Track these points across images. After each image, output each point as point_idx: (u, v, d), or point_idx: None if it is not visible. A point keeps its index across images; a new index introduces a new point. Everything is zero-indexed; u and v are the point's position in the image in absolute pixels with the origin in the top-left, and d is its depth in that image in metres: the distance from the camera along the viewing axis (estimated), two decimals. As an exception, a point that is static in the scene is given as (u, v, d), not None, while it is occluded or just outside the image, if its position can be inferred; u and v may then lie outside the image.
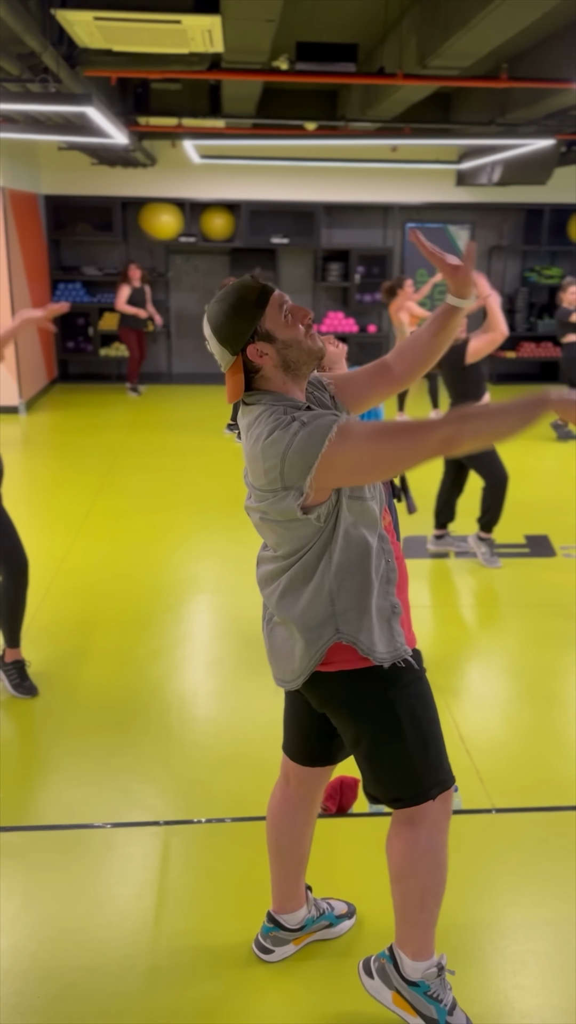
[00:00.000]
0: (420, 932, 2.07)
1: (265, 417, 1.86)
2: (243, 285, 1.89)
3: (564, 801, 3.05)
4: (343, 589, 1.91)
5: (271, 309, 1.87)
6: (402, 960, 2.10)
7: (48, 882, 2.64)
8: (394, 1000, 2.12)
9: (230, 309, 1.87)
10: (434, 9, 5.19)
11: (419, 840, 2.01)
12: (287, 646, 2.00)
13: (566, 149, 9.81)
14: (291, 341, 1.89)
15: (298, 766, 2.24)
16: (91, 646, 4.22)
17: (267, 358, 1.89)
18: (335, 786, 2.94)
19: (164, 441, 8.44)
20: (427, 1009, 2.07)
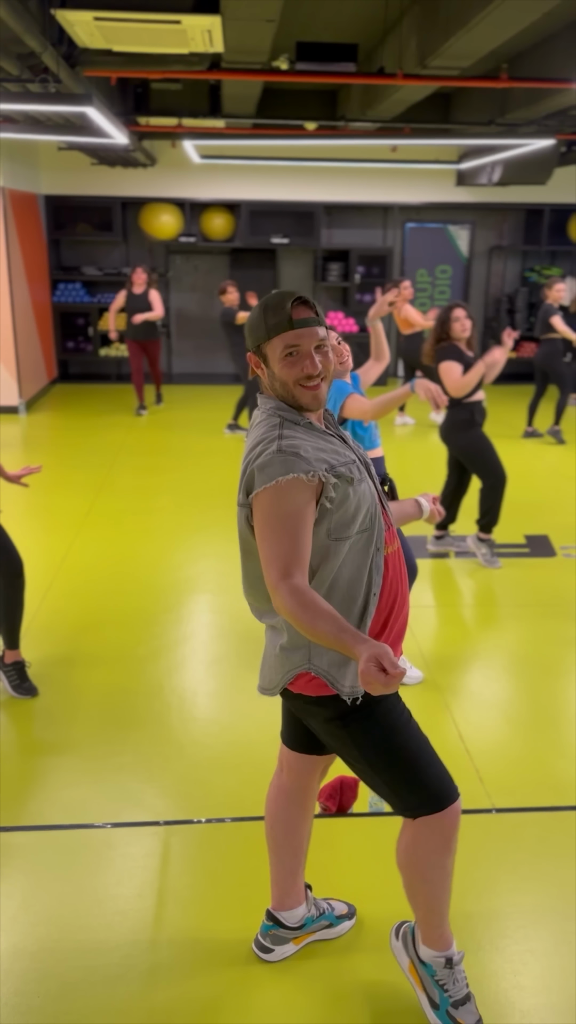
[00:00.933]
0: (422, 924, 2.14)
1: (261, 426, 1.92)
2: (279, 305, 1.87)
3: (564, 801, 3.05)
4: None
5: (277, 341, 1.88)
6: (417, 938, 2.18)
7: (48, 882, 2.64)
8: (409, 968, 2.21)
9: (256, 315, 1.92)
10: (434, 9, 5.19)
11: (415, 853, 2.06)
12: (268, 654, 2.06)
13: (566, 149, 9.81)
14: (280, 378, 1.91)
15: (290, 752, 2.27)
16: (91, 646, 4.22)
17: (262, 372, 1.96)
18: (335, 786, 2.94)
19: (164, 441, 8.44)
20: (432, 991, 2.14)
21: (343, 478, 1.87)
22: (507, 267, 12.09)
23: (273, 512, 1.80)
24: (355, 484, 1.90)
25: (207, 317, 11.77)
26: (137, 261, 11.62)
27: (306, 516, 1.81)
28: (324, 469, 1.84)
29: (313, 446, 1.87)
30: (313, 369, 1.88)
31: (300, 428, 1.90)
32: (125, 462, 7.60)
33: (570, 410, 10.11)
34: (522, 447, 8.22)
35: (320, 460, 1.85)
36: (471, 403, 5.02)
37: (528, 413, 8.71)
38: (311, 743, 2.23)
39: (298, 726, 2.22)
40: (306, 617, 1.69)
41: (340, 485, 1.86)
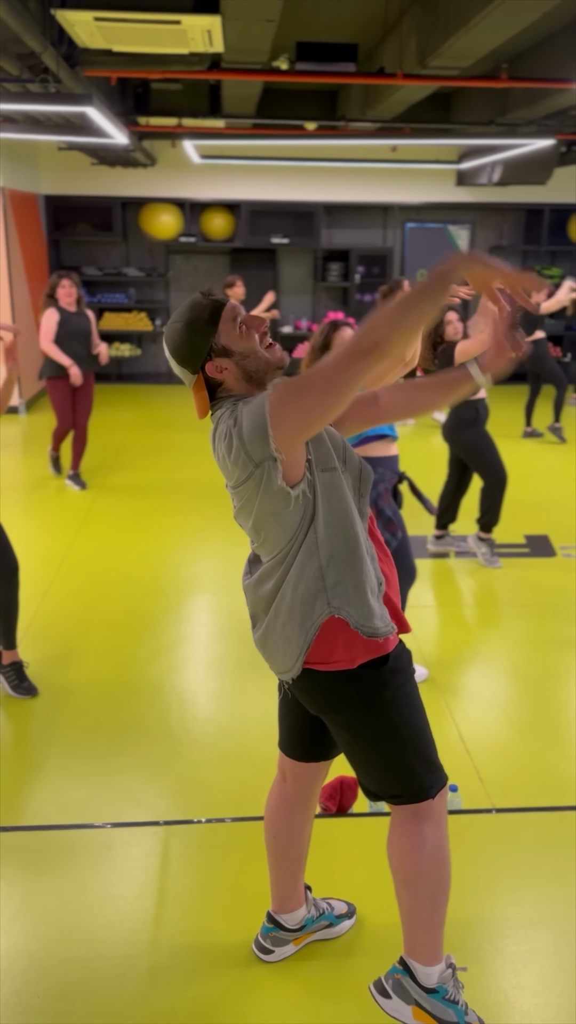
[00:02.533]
0: (432, 934, 2.06)
1: (224, 416, 1.90)
2: (194, 304, 1.91)
3: (564, 801, 3.05)
4: (332, 562, 1.91)
5: (224, 323, 1.89)
6: (416, 969, 2.07)
7: (48, 882, 2.64)
8: (415, 1015, 2.07)
9: (184, 329, 1.90)
10: (434, 9, 5.19)
11: (426, 837, 2.01)
12: (281, 635, 1.98)
13: (566, 149, 9.81)
14: (248, 352, 1.91)
15: (294, 762, 2.24)
16: (91, 646, 4.22)
17: (227, 372, 1.93)
18: (335, 786, 2.94)
19: (164, 441, 8.44)
20: (446, 1014, 2.05)
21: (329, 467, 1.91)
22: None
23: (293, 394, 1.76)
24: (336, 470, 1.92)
25: (207, 317, 11.76)
26: (137, 261, 11.64)
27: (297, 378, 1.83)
28: None
29: None
30: (264, 324, 1.94)
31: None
32: (125, 462, 7.60)
33: (571, 410, 10.11)
34: (522, 447, 8.23)
35: None
36: (475, 401, 5.02)
37: (525, 413, 8.72)
38: (315, 749, 2.21)
39: (302, 733, 2.19)
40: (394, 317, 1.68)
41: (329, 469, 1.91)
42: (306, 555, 1.91)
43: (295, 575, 1.93)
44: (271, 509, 1.88)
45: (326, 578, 1.91)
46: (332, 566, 1.91)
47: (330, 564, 1.91)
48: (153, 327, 11.46)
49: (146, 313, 11.46)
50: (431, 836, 2.01)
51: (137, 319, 11.35)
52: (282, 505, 1.87)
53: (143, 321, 11.37)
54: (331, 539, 1.91)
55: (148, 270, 11.39)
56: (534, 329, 8.26)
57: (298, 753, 2.22)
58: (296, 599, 1.93)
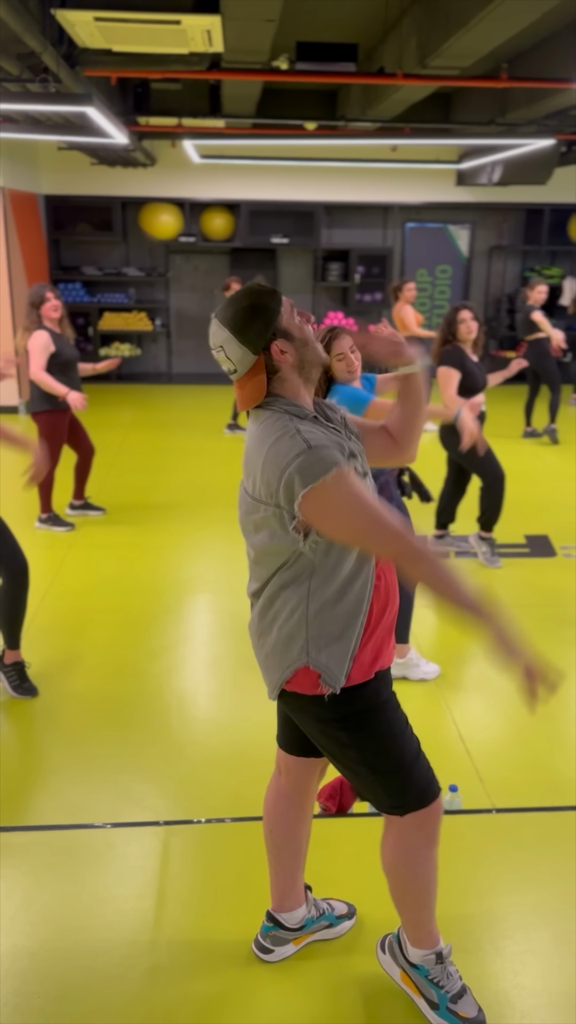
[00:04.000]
0: (410, 926, 2.16)
1: (272, 422, 1.87)
2: (254, 288, 1.91)
3: (564, 801, 3.05)
4: (320, 618, 1.93)
5: (285, 308, 1.91)
6: (404, 942, 2.19)
7: (48, 882, 2.64)
8: (402, 977, 2.22)
9: (249, 310, 1.88)
10: (434, 9, 5.19)
11: (403, 848, 2.08)
12: (264, 660, 2.05)
13: (566, 149, 9.81)
14: (306, 340, 1.92)
15: (288, 756, 2.27)
16: (91, 646, 4.22)
17: (287, 356, 1.90)
18: (335, 786, 2.94)
19: (164, 441, 8.44)
20: (428, 992, 2.15)
21: (356, 468, 1.91)
22: (507, 267, 12.09)
23: (347, 501, 1.79)
24: (364, 477, 1.94)
25: (207, 317, 11.76)
26: (137, 261, 11.64)
27: (368, 489, 1.86)
28: (346, 456, 1.87)
29: (328, 438, 1.87)
30: (310, 317, 1.97)
31: (309, 422, 1.89)
32: (125, 462, 7.60)
33: (570, 410, 10.11)
34: (521, 447, 8.23)
35: (341, 448, 1.87)
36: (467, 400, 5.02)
37: (524, 414, 8.73)
38: (309, 746, 2.22)
39: (296, 728, 2.21)
40: (449, 588, 1.78)
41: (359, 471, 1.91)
42: (295, 598, 1.93)
43: (278, 609, 1.97)
44: (272, 539, 1.90)
45: (309, 628, 1.94)
46: (319, 620, 1.93)
47: (317, 617, 1.93)
48: (153, 327, 11.46)
49: (146, 313, 11.46)
50: (410, 848, 2.06)
51: (137, 319, 11.35)
52: (285, 544, 1.89)
53: (143, 321, 11.37)
54: (324, 596, 1.92)
55: (148, 270, 11.39)
56: (535, 330, 8.25)
57: (292, 747, 2.25)
58: (280, 635, 1.97)
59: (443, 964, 2.15)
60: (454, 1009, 2.12)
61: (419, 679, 3.86)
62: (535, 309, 8.18)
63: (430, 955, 2.15)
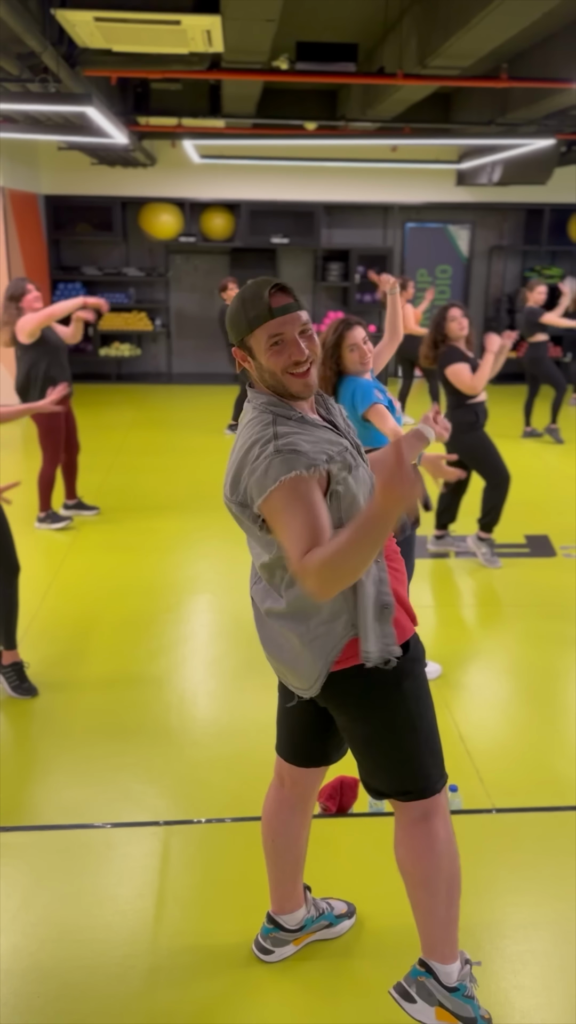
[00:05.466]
0: (450, 932, 2.07)
1: (253, 424, 1.89)
2: (255, 296, 1.85)
3: (564, 801, 3.05)
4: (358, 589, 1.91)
5: (260, 332, 1.85)
6: (438, 970, 2.07)
7: (48, 882, 2.64)
8: (437, 1016, 2.06)
9: (235, 309, 1.88)
10: (434, 9, 5.19)
11: (439, 833, 2.02)
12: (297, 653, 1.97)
13: (566, 149, 9.81)
14: (267, 368, 1.88)
15: (292, 767, 2.23)
16: (91, 646, 4.22)
17: (248, 364, 1.93)
18: (335, 786, 2.94)
19: (164, 441, 8.44)
20: (466, 1011, 2.06)
21: (343, 464, 1.86)
22: (507, 267, 12.09)
23: (285, 508, 1.78)
24: (353, 471, 1.89)
25: (207, 317, 11.77)
26: (137, 261, 11.64)
27: (317, 501, 1.79)
28: (324, 460, 1.83)
29: (309, 440, 1.85)
30: (300, 355, 1.85)
31: (293, 423, 1.88)
32: (125, 462, 7.60)
33: (570, 410, 10.11)
34: (522, 447, 8.23)
35: (319, 452, 1.83)
36: (475, 404, 5.02)
37: (524, 413, 8.73)
38: (314, 755, 2.20)
39: (302, 738, 2.18)
40: (340, 560, 1.68)
41: (342, 472, 1.86)
42: None
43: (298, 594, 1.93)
44: (256, 534, 1.92)
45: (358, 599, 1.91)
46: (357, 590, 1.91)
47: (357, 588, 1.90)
48: (153, 327, 11.47)
49: (146, 313, 11.46)
50: (442, 832, 2.02)
51: (137, 319, 11.35)
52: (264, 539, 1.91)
53: (143, 321, 11.37)
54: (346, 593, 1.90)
55: (148, 270, 11.39)
56: (536, 331, 8.26)
57: (296, 758, 2.22)
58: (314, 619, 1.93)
59: (470, 971, 2.10)
60: (482, 1015, 2.07)
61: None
62: (540, 311, 8.17)
63: (464, 967, 2.08)
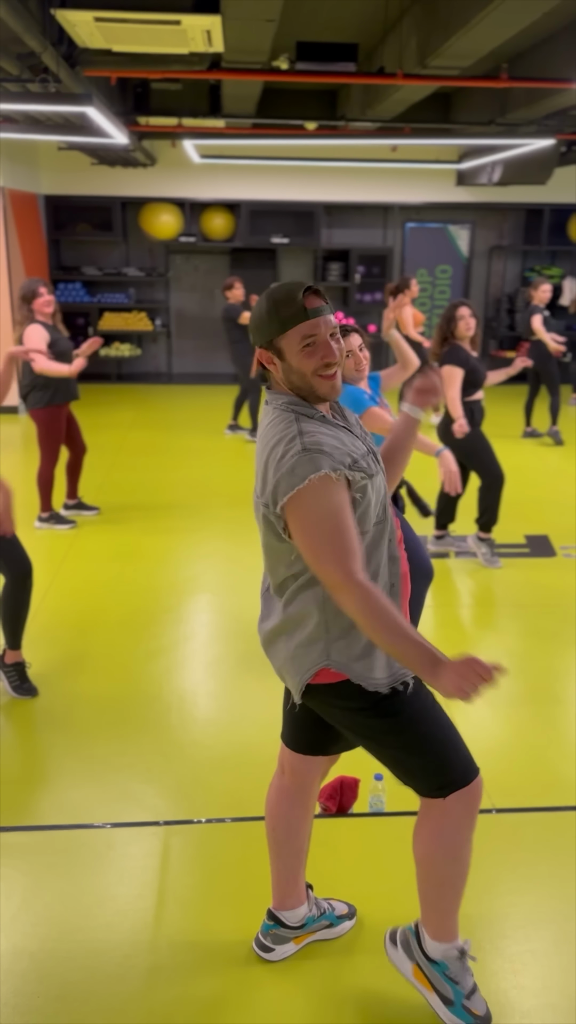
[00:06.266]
0: (437, 916, 2.11)
1: (276, 424, 1.89)
2: (288, 296, 1.85)
3: (564, 801, 3.05)
4: (338, 617, 1.92)
5: (293, 333, 1.85)
6: (424, 937, 2.15)
7: (48, 882, 2.64)
8: (414, 972, 2.17)
9: (263, 309, 1.88)
10: (434, 9, 5.19)
11: (443, 832, 2.03)
12: (283, 664, 2.03)
13: (566, 149, 9.81)
14: (297, 371, 1.88)
15: (292, 754, 2.26)
16: (91, 646, 4.22)
17: (274, 367, 1.92)
18: (335, 786, 2.94)
19: (164, 441, 8.44)
20: (444, 988, 2.11)
21: (364, 472, 1.87)
22: (507, 267, 12.09)
23: (314, 512, 1.78)
24: (372, 478, 1.90)
25: (207, 317, 11.78)
26: (137, 261, 11.64)
27: (347, 508, 1.81)
28: (347, 464, 1.83)
29: (333, 441, 1.85)
30: (332, 357, 1.87)
31: (316, 422, 1.89)
32: (125, 462, 7.60)
33: (570, 410, 10.11)
34: (521, 447, 8.23)
35: (343, 454, 1.84)
36: (470, 402, 5.02)
37: (525, 413, 8.73)
38: (315, 744, 2.22)
39: (303, 726, 2.20)
40: (379, 625, 1.72)
41: (363, 479, 1.86)
42: (310, 601, 1.93)
43: (297, 615, 1.95)
44: (277, 540, 1.90)
45: (329, 630, 1.93)
46: (338, 622, 1.92)
47: (335, 619, 1.92)
48: (153, 327, 11.47)
49: (146, 313, 11.46)
50: (448, 833, 2.02)
51: (137, 319, 11.35)
52: (287, 546, 1.89)
53: (143, 321, 11.37)
54: None
55: (148, 270, 11.39)
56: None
57: (299, 745, 2.24)
58: (296, 639, 1.96)
59: (463, 960, 2.12)
60: (468, 1006, 2.09)
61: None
62: (539, 310, 8.18)
63: (452, 951, 2.11)
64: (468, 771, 2.00)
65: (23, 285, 5.55)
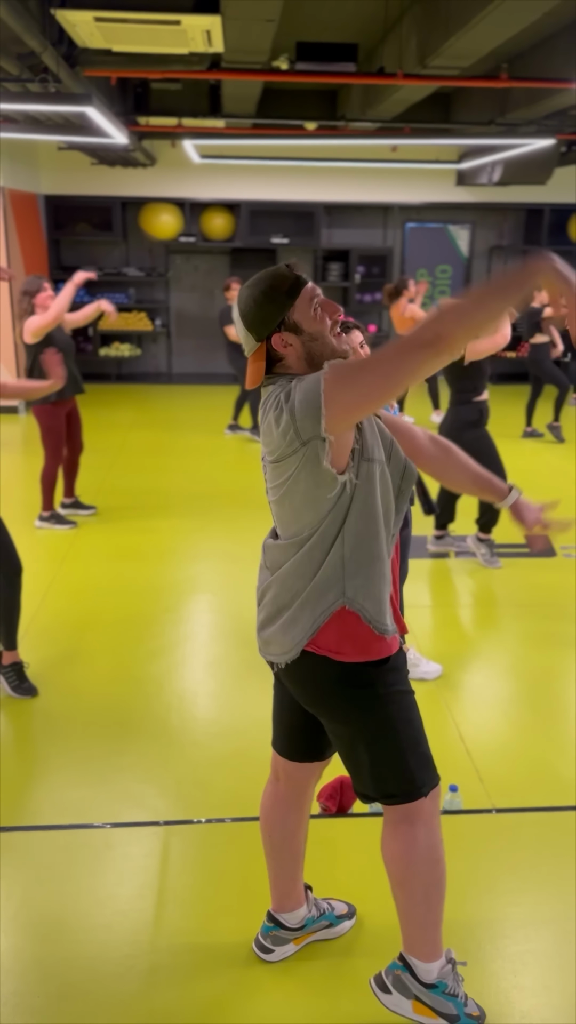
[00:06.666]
0: (429, 933, 2.08)
1: (277, 391, 1.87)
2: (277, 273, 1.89)
3: (564, 801, 3.05)
4: (356, 553, 1.90)
5: (301, 300, 1.87)
6: (416, 966, 2.09)
7: (48, 882, 2.64)
8: (415, 1009, 2.10)
9: (261, 296, 1.87)
10: (434, 9, 5.19)
11: (418, 838, 2.02)
12: (289, 616, 1.96)
13: (566, 149, 9.82)
14: (317, 335, 1.89)
15: (287, 762, 2.24)
16: (91, 646, 4.22)
17: (291, 349, 1.90)
18: (335, 786, 2.94)
19: (164, 441, 8.44)
20: (446, 1007, 2.08)
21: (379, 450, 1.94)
22: (507, 267, 12.09)
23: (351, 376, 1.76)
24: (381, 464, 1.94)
25: (207, 317, 11.78)
26: (137, 261, 11.64)
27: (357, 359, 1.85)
28: None
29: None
30: (339, 310, 1.92)
31: None
32: (125, 462, 7.60)
33: (570, 410, 10.11)
34: (522, 447, 8.23)
35: None
36: (478, 402, 5.03)
37: (526, 413, 8.73)
38: (310, 750, 2.21)
39: (296, 733, 2.19)
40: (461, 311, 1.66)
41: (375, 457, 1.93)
42: (331, 542, 1.90)
43: (316, 559, 1.91)
44: (310, 490, 1.86)
45: (347, 568, 1.90)
46: (355, 557, 1.90)
47: (353, 555, 1.90)
48: (153, 327, 11.47)
49: (146, 313, 11.46)
50: (423, 837, 2.02)
51: (137, 319, 11.36)
52: (324, 488, 1.85)
53: (143, 321, 11.37)
54: (360, 531, 1.90)
55: (148, 270, 11.39)
56: (537, 332, 8.27)
57: (292, 752, 2.22)
58: (313, 583, 1.92)
59: (454, 970, 2.10)
60: (468, 1012, 2.09)
61: (419, 678, 3.86)
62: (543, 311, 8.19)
63: (445, 965, 2.09)
64: (419, 787, 1.99)
65: (27, 280, 5.59)
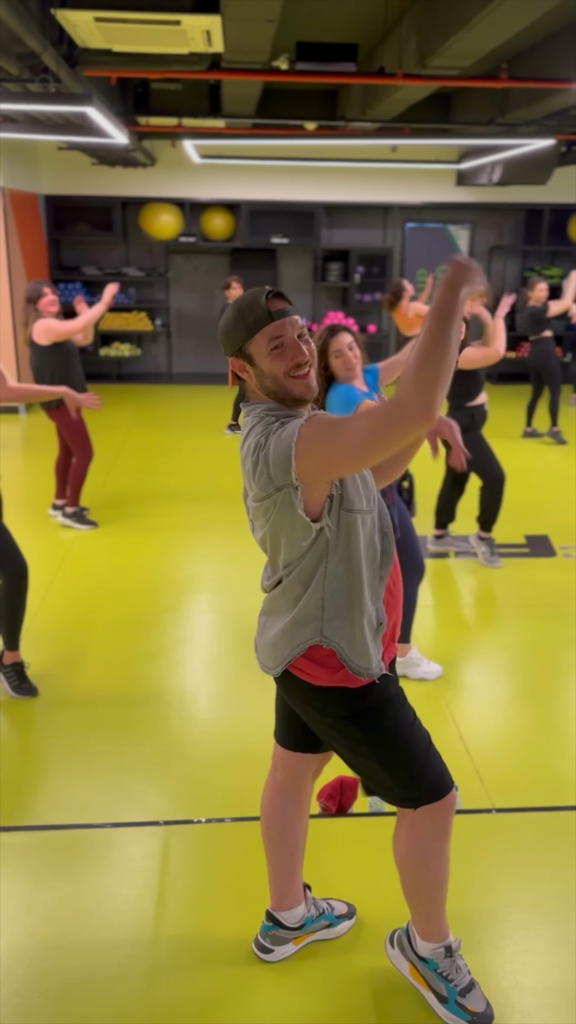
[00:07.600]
0: (420, 919, 2.17)
1: (256, 428, 1.89)
2: (252, 301, 1.88)
3: (564, 801, 3.05)
4: (335, 596, 1.95)
5: (261, 336, 1.87)
6: (413, 935, 2.21)
7: (48, 882, 2.64)
8: (410, 971, 2.24)
9: (232, 316, 1.90)
10: (434, 9, 5.19)
11: (417, 842, 2.09)
12: (272, 637, 2.05)
13: (566, 149, 9.81)
14: (268, 374, 1.89)
15: (284, 751, 2.28)
16: (91, 646, 4.22)
17: (248, 375, 1.94)
18: (335, 786, 2.94)
19: (164, 441, 8.44)
20: (437, 986, 2.17)
21: None
22: (507, 267, 12.09)
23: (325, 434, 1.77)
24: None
25: (207, 317, 11.77)
26: (137, 261, 11.64)
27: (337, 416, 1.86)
28: None
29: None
30: (302, 356, 1.88)
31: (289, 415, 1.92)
32: (125, 462, 7.60)
33: (570, 410, 10.11)
34: (522, 447, 8.23)
35: None
36: (472, 407, 5.01)
37: (527, 413, 8.72)
38: (306, 741, 2.23)
39: (293, 723, 2.22)
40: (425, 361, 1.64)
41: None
42: (309, 582, 1.95)
43: (296, 593, 1.97)
44: (286, 532, 1.90)
45: (326, 609, 1.96)
46: (335, 600, 1.95)
47: (333, 598, 1.95)
48: (153, 327, 11.46)
49: (146, 313, 11.46)
50: (423, 843, 2.08)
51: (137, 319, 11.35)
52: (298, 533, 1.89)
53: (143, 321, 11.37)
54: (338, 576, 1.94)
55: (148, 270, 11.39)
56: (542, 329, 8.25)
57: (289, 741, 2.26)
58: (292, 616, 1.98)
59: (452, 958, 2.16)
60: (463, 1003, 2.13)
61: (419, 678, 3.86)
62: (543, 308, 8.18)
63: (439, 948, 2.16)
64: (439, 786, 2.05)
65: (29, 287, 5.61)
